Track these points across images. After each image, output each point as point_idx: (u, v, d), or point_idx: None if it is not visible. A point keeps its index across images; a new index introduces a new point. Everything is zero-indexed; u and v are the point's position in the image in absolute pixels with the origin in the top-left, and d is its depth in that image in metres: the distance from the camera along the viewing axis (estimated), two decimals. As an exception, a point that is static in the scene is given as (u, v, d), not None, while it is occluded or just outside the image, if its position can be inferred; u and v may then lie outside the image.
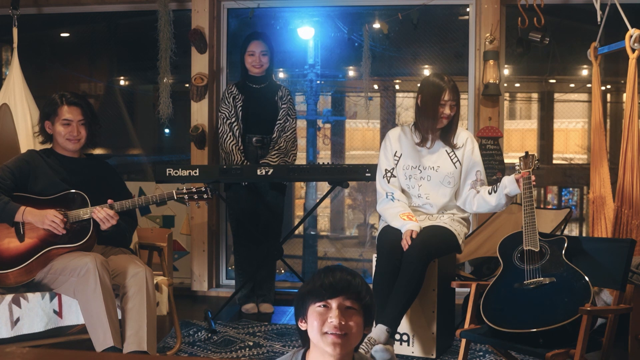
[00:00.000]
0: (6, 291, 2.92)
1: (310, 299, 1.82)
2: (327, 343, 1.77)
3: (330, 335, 1.77)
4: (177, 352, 3.36)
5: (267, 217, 4.20)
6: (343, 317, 1.78)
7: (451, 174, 3.36)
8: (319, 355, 1.81)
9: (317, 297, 1.80)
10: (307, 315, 1.83)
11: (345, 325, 1.77)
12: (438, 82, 3.33)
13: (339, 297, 1.79)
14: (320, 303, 1.80)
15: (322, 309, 1.80)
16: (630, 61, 3.63)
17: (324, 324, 1.78)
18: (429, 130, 3.37)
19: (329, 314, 1.78)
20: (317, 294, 1.80)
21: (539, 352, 2.52)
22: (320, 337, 1.78)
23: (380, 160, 3.48)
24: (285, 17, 5.14)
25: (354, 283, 1.81)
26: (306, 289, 1.84)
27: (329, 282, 1.80)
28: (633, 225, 3.57)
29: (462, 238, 3.35)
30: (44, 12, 4.94)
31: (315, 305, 1.80)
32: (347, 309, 1.80)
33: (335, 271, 1.83)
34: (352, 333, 1.79)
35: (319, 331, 1.78)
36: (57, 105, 3.14)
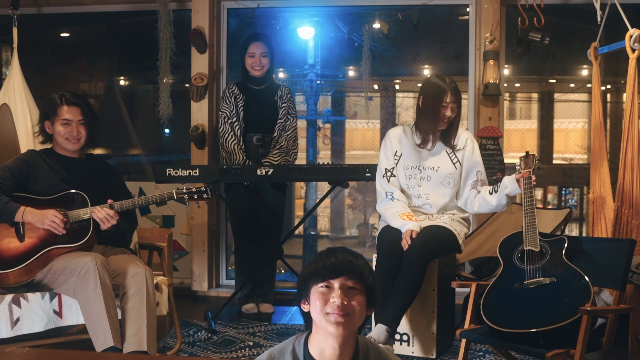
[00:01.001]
0: (6, 291, 2.92)
1: (313, 279, 1.81)
2: (330, 323, 1.76)
3: (333, 315, 1.76)
4: (177, 352, 3.36)
5: (267, 217, 4.20)
6: (345, 297, 1.77)
7: (451, 174, 3.36)
8: (322, 336, 1.80)
9: (319, 277, 1.79)
10: (309, 297, 1.82)
11: (347, 306, 1.77)
12: (440, 83, 3.32)
13: (341, 277, 1.78)
14: (323, 283, 1.79)
15: (325, 289, 1.79)
16: (630, 61, 3.63)
17: (326, 304, 1.77)
18: (429, 132, 3.36)
19: (331, 294, 1.78)
20: (319, 275, 1.80)
21: (539, 352, 2.52)
22: (323, 317, 1.77)
23: (381, 160, 3.47)
24: (285, 17, 5.14)
25: (356, 263, 1.80)
26: (308, 270, 1.83)
27: (331, 263, 1.79)
28: (633, 225, 3.57)
29: (462, 238, 3.35)
30: (44, 12, 4.94)
31: (318, 285, 1.80)
32: (350, 289, 1.79)
33: (337, 252, 1.82)
34: (355, 313, 1.78)
35: (321, 311, 1.77)
36: (56, 105, 3.14)
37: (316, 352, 1.81)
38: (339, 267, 1.79)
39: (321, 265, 1.80)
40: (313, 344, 1.82)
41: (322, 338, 1.80)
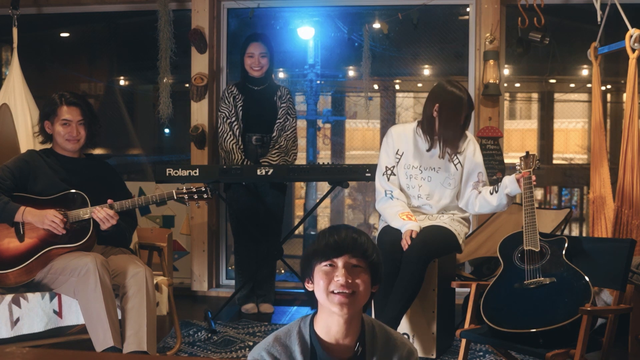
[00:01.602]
0: (6, 291, 2.92)
1: (316, 258, 1.79)
2: (334, 303, 1.74)
3: (337, 294, 1.74)
4: (177, 352, 3.36)
5: (267, 217, 4.20)
6: (349, 275, 1.75)
7: (452, 175, 3.34)
8: (327, 316, 1.78)
9: (323, 256, 1.77)
10: (313, 276, 1.80)
11: (352, 284, 1.75)
12: (459, 93, 3.23)
13: (345, 255, 1.76)
14: (326, 262, 1.77)
15: (328, 268, 1.77)
16: (630, 61, 3.63)
17: (330, 283, 1.75)
18: (448, 144, 3.29)
19: (335, 273, 1.76)
20: (323, 253, 1.77)
21: (539, 352, 2.52)
22: (327, 297, 1.75)
23: (381, 157, 3.43)
24: (285, 17, 5.14)
25: (359, 241, 1.78)
26: (311, 248, 1.81)
27: (333, 241, 1.77)
28: (633, 225, 3.57)
29: (462, 238, 3.34)
30: (44, 12, 4.94)
31: (321, 264, 1.78)
32: (354, 267, 1.77)
33: (340, 230, 1.80)
34: (360, 291, 1.76)
35: (325, 290, 1.75)
36: (56, 106, 3.14)
37: (322, 331, 1.79)
38: (342, 245, 1.76)
39: (324, 244, 1.78)
40: (319, 324, 1.81)
41: (328, 317, 1.78)
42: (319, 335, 1.79)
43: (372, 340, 1.83)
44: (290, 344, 1.79)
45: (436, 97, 3.29)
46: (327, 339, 1.79)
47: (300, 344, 1.79)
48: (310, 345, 1.79)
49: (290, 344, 1.79)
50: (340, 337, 1.78)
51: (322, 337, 1.79)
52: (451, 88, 3.26)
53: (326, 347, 1.79)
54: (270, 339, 1.80)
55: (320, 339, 1.79)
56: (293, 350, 1.78)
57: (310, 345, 1.79)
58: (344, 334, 1.78)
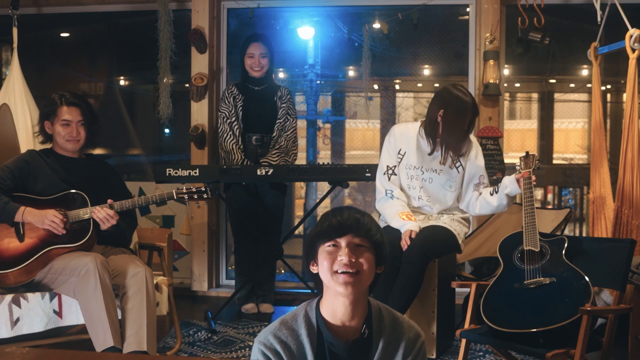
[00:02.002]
0: (6, 291, 2.92)
1: (320, 239, 1.78)
2: (339, 282, 1.73)
3: (341, 274, 1.73)
4: (177, 352, 3.36)
5: (267, 217, 4.20)
6: (353, 254, 1.75)
7: (453, 178, 3.33)
8: (333, 297, 1.77)
9: (326, 237, 1.77)
10: (317, 257, 1.79)
11: (355, 263, 1.74)
12: (465, 99, 3.19)
13: (348, 235, 1.75)
14: (330, 242, 1.76)
15: (332, 248, 1.76)
16: (630, 61, 3.63)
17: (334, 263, 1.75)
18: (450, 149, 3.26)
19: (338, 253, 1.75)
20: (326, 234, 1.77)
21: (539, 352, 2.52)
22: (331, 277, 1.75)
23: (383, 156, 3.41)
24: (285, 17, 5.14)
25: (362, 221, 1.78)
26: (315, 230, 1.81)
27: (336, 221, 1.76)
28: (633, 225, 3.57)
29: (462, 238, 3.34)
30: (44, 12, 4.94)
31: (325, 245, 1.77)
32: (357, 247, 1.76)
33: (343, 210, 1.79)
34: (364, 271, 1.75)
35: (329, 271, 1.75)
36: (56, 106, 3.14)
37: (328, 313, 1.79)
38: (345, 225, 1.76)
39: (327, 225, 1.77)
40: (325, 306, 1.80)
41: (333, 299, 1.77)
42: (325, 318, 1.79)
43: (379, 322, 1.82)
44: (297, 327, 1.79)
45: (441, 102, 3.23)
46: (334, 321, 1.78)
47: (306, 327, 1.79)
48: (317, 328, 1.79)
49: (296, 327, 1.79)
50: (347, 319, 1.77)
51: (329, 320, 1.78)
52: (457, 93, 3.20)
53: (333, 329, 1.78)
54: (276, 323, 1.80)
55: (326, 322, 1.79)
56: (300, 334, 1.78)
57: (317, 328, 1.79)
58: (350, 315, 1.77)
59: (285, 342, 1.76)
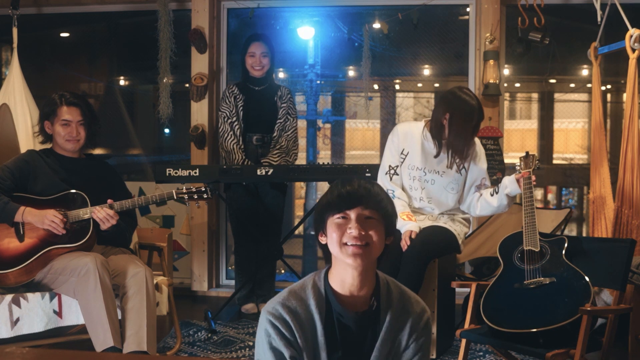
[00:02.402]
0: (6, 291, 2.92)
1: (329, 210, 1.76)
2: (348, 254, 1.72)
3: (351, 246, 1.72)
4: (177, 352, 3.36)
5: (267, 217, 4.20)
6: (362, 227, 1.73)
7: (455, 180, 3.32)
8: (342, 268, 1.76)
9: (335, 208, 1.75)
10: (326, 228, 1.78)
11: (365, 235, 1.72)
12: (472, 102, 3.16)
13: (358, 207, 1.73)
14: (339, 214, 1.75)
15: (341, 220, 1.74)
16: (630, 61, 3.63)
17: (343, 235, 1.73)
18: (456, 153, 3.24)
19: (348, 225, 1.73)
20: (335, 206, 1.75)
21: (539, 352, 2.52)
22: (340, 249, 1.73)
23: (385, 156, 3.39)
24: (285, 17, 5.14)
25: (372, 192, 1.76)
26: (324, 200, 1.79)
27: (346, 192, 1.74)
28: (633, 225, 3.57)
29: (461, 238, 3.34)
30: (44, 12, 4.94)
31: (334, 217, 1.75)
32: (367, 219, 1.75)
33: (353, 181, 1.77)
34: (373, 242, 1.74)
35: (338, 243, 1.73)
36: (56, 106, 3.14)
37: (337, 284, 1.78)
38: (355, 197, 1.74)
39: (336, 195, 1.75)
40: (333, 276, 1.79)
41: (342, 269, 1.76)
42: (333, 288, 1.78)
43: (387, 295, 1.81)
44: (306, 297, 1.78)
45: (448, 105, 3.20)
46: (342, 292, 1.77)
47: (315, 296, 1.77)
48: (326, 298, 1.78)
49: (305, 297, 1.78)
50: (355, 289, 1.76)
51: (337, 290, 1.77)
52: (464, 97, 3.17)
53: (341, 299, 1.77)
54: (284, 293, 1.79)
55: (335, 292, 1.77)
56: (309, 304, 1.77)
57: (326, 298, 1.78)
58: (358, 286, 1.76)
59: (295, 311, 1.75)
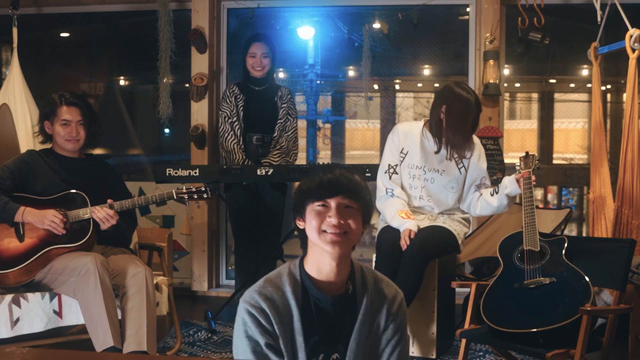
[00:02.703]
0: (6, 291, 2.92)
1: (309, 198, 1.79)
2: (326, 242, 1.75)
3: (330, 234, 1.75)
4: (177, 352, 3.36)
5: (267, 217, 4.20)
6: (342, 216, 1.76)
7: (455, 179, 3.32)
8: (319, 254, 1.79)
9: (316, 196, 1.78)
10: (305, 215, 1.80)
11: (344, 224, 1.76)
12: (467, 96, 3.18)
13: (338, 196, 1.77)
14: (319, 202, 1.78)
15: (321, 208, 1.77)
16: (630, 61, 3.63)
17: (322, 222, 1.76)
18: (455, 146, 3.25)
19: (327, 213, 1.76)
20: (316, 193, 1.78)
21: (539, 352, 2.52)
22: (319, 236, 1.76)
23: (385, 155, 3.40)
24: (285, 17, 5.14)
25: (353, 181, 1.79)
26: (304, 186, 1.81)
27: (327, 180, 1.77)
28: (633, 225, 3.57)
29: (461, 238, 3.34)
30: (44, 12, 4.94)
31: (314, 204, 1.78)
32: (346, 208, 1.78)
33: (334, 170, 1.80)
34: (352, 231, 1.77)
35: (317, 230, 1.76)
36: (56, 106, 3.14)
37: (313, 270, 1.80)
38: (336, 186, 1.77)
39: (317, 183, 1.78)
40: (309, 263, 1.82)
41: (319, 256, 1.79)
42: (309, 274, 1.80)
43: (362, 279, 1.85)
44: (282, 284, 1.80)
45: (443, 99, 3.22)
46: (318, 277, 1.80)
47: (291, 283, 1.80)
48: (302, 284, 1.80)
49: (281, 284, 1.80)
50: (332, 275, 1.79)
51: (313, 276, 1.80)
52: (459, 90, 3.19)
53: (317, 285, 1.80)
54: (260, 282, 1.81)
55: (311, 278, 1.80)
56: (285, 290, 1.79)
57: (302, 284, 1.80)
58: (335, 272, 1.79)
59: (271, 299, 1.76)
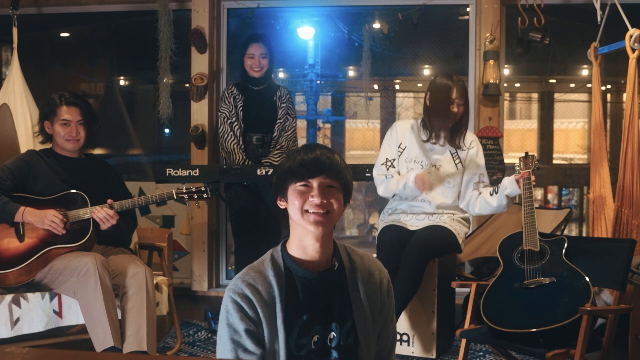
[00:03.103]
0: (6, 291, 2.92)
1: (291, 178, 1.80)
2: (309, 222, 1.76)
3: (312, 214, 1.76)
4: (177, 352, 3.36)
5: (267, 216, 4.19)
6: (324, 196, 1.77)
7: (452, 174, 3.35)
8: (302, 234, 1.80)
9: (298, 176, 1.78)
10: (287, 194, 1.81)
11: (327, 204, 1.77)
12: (446, 80, 3.33)
13: (320, 176, 1.78)
14: (301, 182, 1.78)
15: (303, 188, 1.78)
16: (630, 61, 3.63)
17: (305, 202, 1.77)
18: (440, 129, 3.35)
19: (310, 193, 1.77)
20: (298, 173, 1.78)
21: (539, 352, 2.52)
22: (302, 216, 1.77)
23: (383, 149, 3.45)
24: (285, 17, 5.14)
25: (334, 161, 1.80)
26: (286, 166, 1.81)
27: (309, 160, 1.78)
28: (633, 225, 3.57)
29: (462, 238, 3.34)
30: (44, 12, 4.94)
31: (296, 185, 1.79)
32: (328, 187, 1.79)
33: (315, 149, 1.81)
34: (334, 210, 1.79)
35: (300, 210, 1.77)
36: (55, 106, 3.14)
37: (297, 250, 1.82)
38: (318, 166, 1.78)
39: (299, 163, 1.78)
40: (292, 243, 1.83)
41: (302, 236, 1.80)
42: (293, 256, 1.82)
43: (348, 256, 1.87)
44: (264, 269, 1.82)
45: (429, 87, 3.40)
46: (303, 257, 1.81)
47: (273, 268, 1.82)
48: (284, 268, 1.82)
49: (263, 269, 1.82)
50: (316, 253, 1.80)
51: (297, 256, 1.81)
52: (439, 78, 3.37)
53: (302, 264, 1.81)
54: (244, 270, 1.83)
55: (294, 258, 1.82)
56: (267, 275, 1.80)
57: (284, 268, 1.82)
58: (318, 250, 1.80)
59: (253, 285, 1.78)
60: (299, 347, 1.76)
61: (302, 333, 1.77)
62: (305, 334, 1.77)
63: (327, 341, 1.79)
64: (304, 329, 1.77)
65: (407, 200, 3.38)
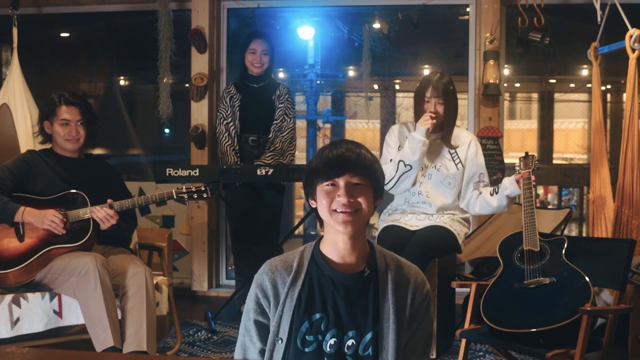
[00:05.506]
0: (6, 291, 2.92)
1: (318, 177, 1.76)
2: (338, 221, 1.73)
3: (340, 213, 1.73)
4: (177, 352, 3.36)
5: (266, 216, 4.19)
6: (351, 194, 1.73)
7: (452, 175, 3.34)
8: (333, 233, 1.77)
9: (324, 175, 1.75)
10: (315, 194, 1.78)
11: (354, 202, 1.73)
12: (426, 79, 3.34)
13: (346, 174, 1.73)
14: (327, 182, 1.75)
15: (330, 188, 1.75)
16: (630, 61, 3.62)
17: (332, 202, 1.74)
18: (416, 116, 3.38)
19: (337, 192, 1.74)
20: (323, 173, 1.75)
21: (539, 352, 2.52)
22: (330, 216, 1.74)
23: (385, 150, 3.45)
24: (285, 17, 5.15)
25: (361, 156, 1.75)
26: (313, 165, 1.78)
27: (334, 157, 1.74)
28: (633, 225, 3.57)
29: (462, 238, 3.34)
30: (44, 12, 4.94)
31: (323, 184, 1.75)
32: (355, 185, 1.75)
33: (341, 146, 1.76)
34: (362, 209, 1.74)
35: (328, 209, 1.74)
36: (55, 105, 3.14)
37: (329, 249, 1.79)
38: (343, 164, 1.73)
39: (324, 162, 1.75)
40: (326, 242, 1.80)
41: (333, 235, 1.77)
42: (326, 255, 1.79)
43: (385, 263, 1.81)
44: (291, 259, 1.81)
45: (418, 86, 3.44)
46: (335, 258, 1.78)
47: (299, 258, 1.80)
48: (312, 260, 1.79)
49: (290, 259, 1.81)
50: (347, 253, 1.77)
51: (330, 256, 1.78)
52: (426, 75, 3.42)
53: (331, 264, 1.78)
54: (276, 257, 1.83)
55: (325, 257, 1.79)
56: (292, 264, 1.79)
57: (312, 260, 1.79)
58: (349, 250, 1.76)
59: (273, 273, 1.78)
60: (304, 342, 1.73)
61: (311, 330, 1.74)
62: (314, 332, 1.74)
63: (345, 347, 1.74)
64: (315, 327, 1.74)
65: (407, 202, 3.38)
